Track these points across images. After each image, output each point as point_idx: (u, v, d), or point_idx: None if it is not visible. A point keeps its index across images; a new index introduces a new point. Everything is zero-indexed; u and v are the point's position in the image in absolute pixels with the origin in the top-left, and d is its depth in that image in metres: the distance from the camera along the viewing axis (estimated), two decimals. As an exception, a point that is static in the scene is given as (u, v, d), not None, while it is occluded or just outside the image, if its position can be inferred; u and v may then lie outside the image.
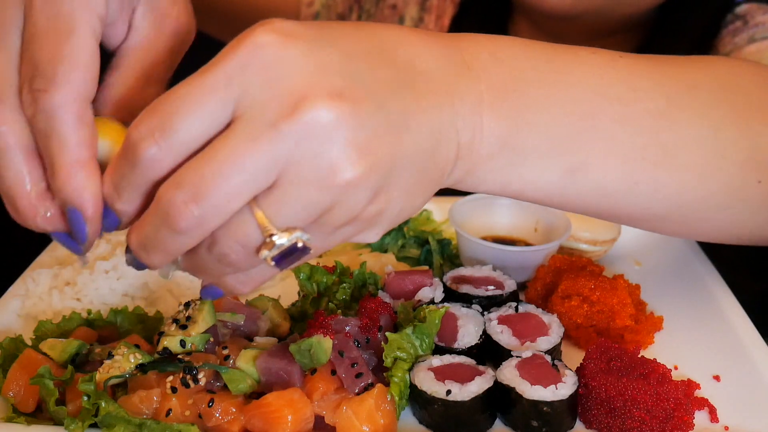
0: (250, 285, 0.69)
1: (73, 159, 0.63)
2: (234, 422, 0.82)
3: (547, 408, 0.82)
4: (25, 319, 1.06)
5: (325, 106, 0.59)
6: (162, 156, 0.59)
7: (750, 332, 1.00)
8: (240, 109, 0.59)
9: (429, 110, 0.68)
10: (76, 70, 0.64)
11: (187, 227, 0.60)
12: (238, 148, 0.58)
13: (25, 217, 0.66)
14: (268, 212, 0.61)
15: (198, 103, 0.59)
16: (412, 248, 1.20)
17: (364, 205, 0.64)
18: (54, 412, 0.83)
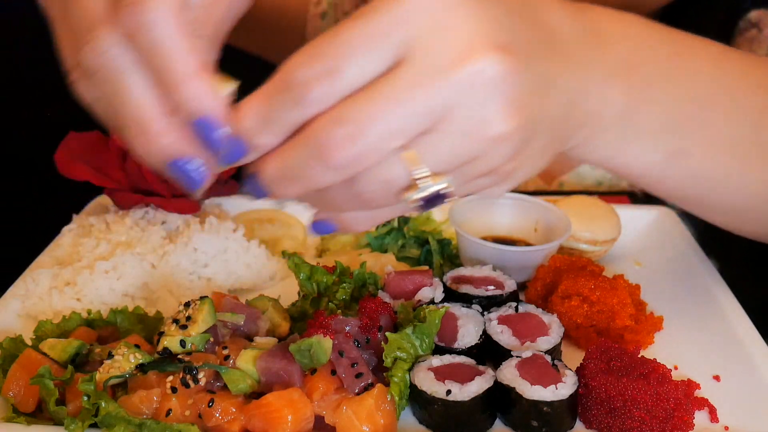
0: (368, 224, 0.71)
1: (190, 66, 0.61)
2: (234, 422, 0.82)
3: (547, 408, 0.82)
4: (25, 319, 1.06)
5: (492, 60, 0.60)
6: (328, 96, 0.60)
7: (750, 332, 1.00)
8: (407, 52, 0.60)
9: (568, 74, 0.71)
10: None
11: (342, 163, 0.61)
12: (404, 90, 0.59)
13: (154, 143, 0.62)
14: (419, 156, 0.62)
15: (367, 46, 0.59)
16: (412, 248, 1.20)
17: (504, 161, 0.66)
18: (54, 412, 0.83)
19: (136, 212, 1.17)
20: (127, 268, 1.08)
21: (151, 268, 1.10)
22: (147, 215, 1.17)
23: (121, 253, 1.09)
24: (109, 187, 1.17)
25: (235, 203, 1.31)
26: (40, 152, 1.25)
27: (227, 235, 1.16)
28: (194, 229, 1.14)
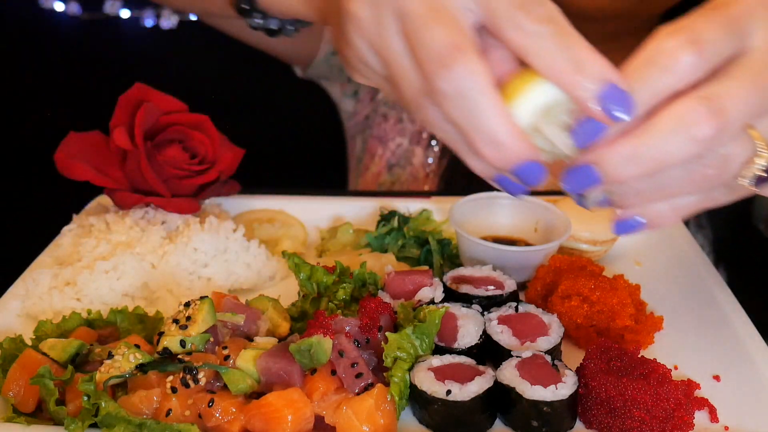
0: (673, 218, 0.76)
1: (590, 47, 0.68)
2: (234, 422, 0.82)
3: (547, 408, 0.82)
4: (25, 319, 1.06)
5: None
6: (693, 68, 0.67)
7: (750, 332, 1.00)
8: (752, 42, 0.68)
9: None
10: None
11: (704, 137, 0.67)
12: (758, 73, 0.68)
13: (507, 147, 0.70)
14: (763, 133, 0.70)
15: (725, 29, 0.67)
16: (412, 248, 1.20)
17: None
18: (54, 412, 0.83)
19: (136, 212, 1.17)
20: (127, 268, 1.08)
21: (151, 268, 1.10)
22: (147, 215, 1.17)
23: (121, 253, 1.09)
24: (109, 187, 1.17)
25: (235, 203, 1.31)
26: (40, 152, 1.25)
27: (227, 235, 1.16)
28: (194, 229, 1.14)
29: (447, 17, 0.71)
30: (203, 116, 1.23)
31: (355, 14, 0.76)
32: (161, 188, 1.15)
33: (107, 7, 2.46)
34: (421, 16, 0.71)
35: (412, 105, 0.76)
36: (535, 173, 0.72)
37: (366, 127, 1.67)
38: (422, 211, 1.28)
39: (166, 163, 1.16)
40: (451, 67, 0.69)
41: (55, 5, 2.44)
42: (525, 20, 0.68)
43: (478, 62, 0.69)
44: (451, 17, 0.71)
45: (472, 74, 0.69)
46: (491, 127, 0.70)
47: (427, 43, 0.71)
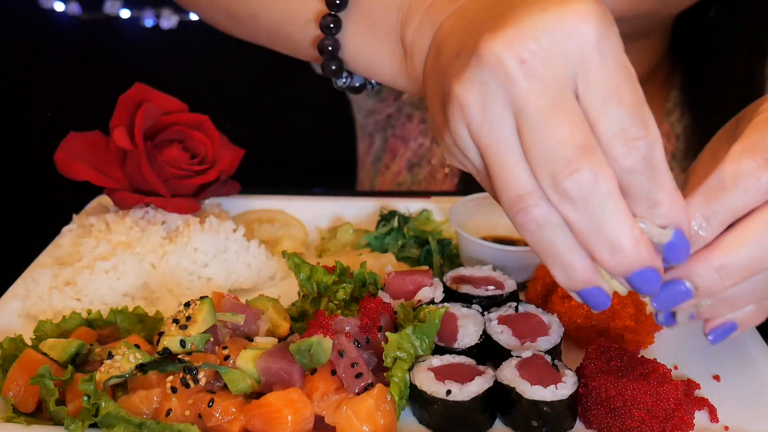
0: (763, 315, 0.79)
1: (672, 187, 0.69)
2: (234, 422, 0.82)
3: (547, 408, 0.82)
4: (25, 319, 1.06)
5: None
6: None
7: (750, 332, 1.00)
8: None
9: None
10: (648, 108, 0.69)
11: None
12: None
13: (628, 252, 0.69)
14: None
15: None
16: (412, 248, 1.20)
17: None
18: (54, 412, 0.83)
19: (136, 212, 1.17)
20: (127, 268, 1.08)
21: (151, 268, 1.11)
22: (147, 215, 1.17)
23: (121, 253, 1.09)
24: (109, 187, 1.17)
25: (235, 203, 1.31)
26: (40, 152, 1.25)
27: (227, 235, 1.16)
28: (194, 229, 1.14)
29: (571, 114, 0.67)
30: (203, 116, 1.23)
31: (462, 100, 0.69)
32: (161, 188, 1.15)
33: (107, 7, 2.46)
34: (542, 112, 0.67)
35: (510, 203, 0.70)
36: (652, 280, 0.71)
37: (387, 126, 1.67)
38: (422, 211, 1.28)
39: (166, 163, 1.16)
40: (580, 170, 0.66)
41: (55, 5, 2.44)
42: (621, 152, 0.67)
43: (605, 164, 0.67)
44: (575, 114, 0.67)
45: (601, 177, 0.66)
46: (616, 233, 0.68)
47: (549, 142, 0.67)
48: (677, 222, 0.70)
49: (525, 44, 0.66)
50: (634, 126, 0.67)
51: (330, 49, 0.91)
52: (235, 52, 1.70)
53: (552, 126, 0.67)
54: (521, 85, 0.67)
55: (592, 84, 0.67)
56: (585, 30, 0.66)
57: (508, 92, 0.67)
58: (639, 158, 0.67)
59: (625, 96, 0.67)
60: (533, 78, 0.67)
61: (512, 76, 0.67)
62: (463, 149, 0.73)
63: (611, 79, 0.67)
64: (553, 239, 0.70)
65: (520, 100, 0.67)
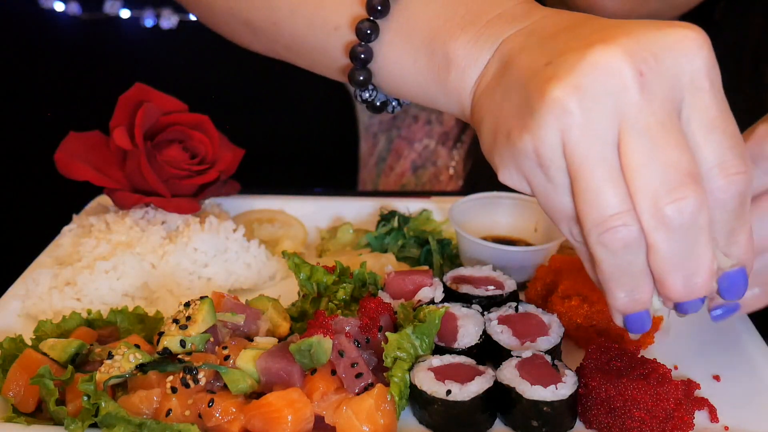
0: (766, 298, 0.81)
1: (750, 228, 0.71)
2: (234, 422, 0.82)
3: (547, 408, 0.82)
4: (25, 319, 1.06)
5: None
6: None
7: (750, 332, 1.00)
8: None
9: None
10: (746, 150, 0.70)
11: None
12: None
13: (702, 284, 0.69)
14: None
15: None
16: (412, 248, 1.20)
17: None
18: (54, 412, 0.83)
19: (136, 212, 1.17)
20: (127, 268, 1.08)
21: (151, 268, 1.11)
22: (147, 215, 1.17)
23: (121, 253, 1.09)
24: (109, 187, 1.17)
25: (235, 203, 1.31)
26: (40, 152, 1.25)
27: (227, 235, 1.16)
28: (194, 229, 1.14)
29: (679, 138, 0.65)
30: (203, 116, 1.23)
31: (565, 105, 0.65)
32: (161, 188, 1.15)
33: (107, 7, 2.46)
34: (652, 131, 0.65)
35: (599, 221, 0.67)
36: (699, 306, 0.72)
37: (392, 127, 1.66)
38: (422, 211, 1.28)
39: (166, 163, 1.16)
40: (686, 198, 0.64)
41: (55, 5, 2.44)
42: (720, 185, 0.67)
43: (705, 195, 0.65)
44: (682, 139, 0.65)
45: (703, 207, 0.65)
46: (698, 266, 0.67)
47: (656, 163, 0.64)
48: (745, 262, 0.71)
49: (645, 58, 0.65)
50: (736, 159, 0.66)
51: (362, 57, 0.86)
52: (236, 52, 1.70)
53: (661, 147, 0.65)
54: (635, 99, 0.65)
55: (699, 110, 0.66)
56: (700, 55, 0.66)
57: (620, 104, 0.65)
58: (735, 194, 0.67)
59: (729, 127, 0.67)
60: (648, 93, 0.65)
61: (628, 87, 0.64)
62: (546, 160, 0.68)
63: (718, 108, 0.66)
64: (633, 262, 0.69)
65: (631, 114, 0.65)
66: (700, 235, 0.66)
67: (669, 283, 0.69)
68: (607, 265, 0.70)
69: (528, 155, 0.70)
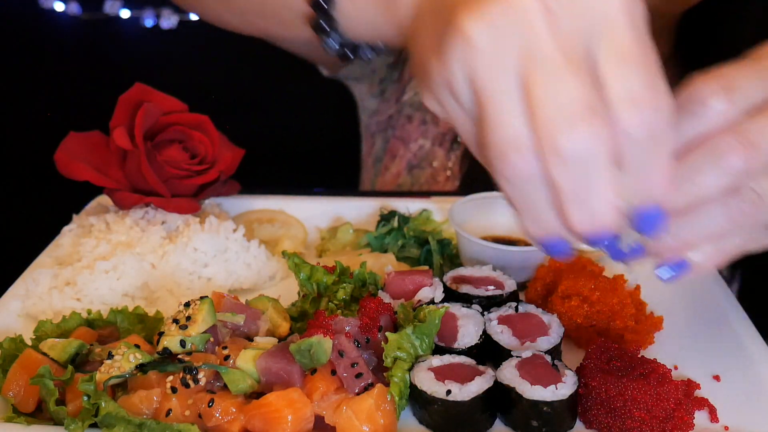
0: (722, 256, 0.77)
1: (670, 172, 0.69)
2: (234, 422, 0.82)
3: (547, 408, 0.82)
4: (25, 319, 1.06)
5: None
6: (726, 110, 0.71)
7: (750, 332, 1.00)
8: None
9: None
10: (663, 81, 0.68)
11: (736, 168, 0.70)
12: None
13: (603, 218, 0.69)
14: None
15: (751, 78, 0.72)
16: (412, 248, 1.20)
17: None
18: (54, 412, 0.83)
19: (136, 212, 1.17)
20: (127, 268, 1.08)
21: (151, 268, 1.10)
22: (147, 215, 1.17)
23: (121, 253, 1.09)
24: (109, 187, 1.17)
25: (235, 203, 1.31)
26: (40, 152, 1.25)
27: (227, 235, 1.16)
28: (194, 229, 1.14)
29: (584, 74, 0.65)
30: (203, 116, 1.23)
31: (471, 38, 0.66)
32: (161, 188, 1.15)
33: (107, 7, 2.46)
34: (555, 64, 0.65)
35: (498, 149, 0.68)
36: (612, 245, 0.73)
37: (388, 127, 1.67)
38: (422, 211, 1.28)
39: (166, 163, 1.16)
40: (580, 129, 0.64)
41: (55, 5, 2.44)
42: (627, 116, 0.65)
43: (606, 129, 0.65)
44: (587, 75, 0.65)
45: (599, 140, 0.65)
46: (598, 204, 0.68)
47: (555, 95, 0.65)
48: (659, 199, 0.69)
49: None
50: (647, 92, 0.65)
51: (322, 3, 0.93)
52: (236, 52, 1.70)
53: (562, 81, 0.65)
54: (541, 34, 0.65)
55: (612, 45, 0.66)
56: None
57: (526, 38, 0.65)
58: (643, 126, 0.65)
59: (644, 64, 0.66)
60: (555, 29, 0.65)
61: (534, 22, 0.65)
62: (455, 93, 0.70)
63: (632, 44, 0.66)
64: (531, 194, 0.69)
65: (535, 48, 0.65)
66: (599, 169, 0.66)
67: (568, 216, 0.68)
68: (511, 196, 0.71)
69: (440, 84, 0.71)
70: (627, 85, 0.65)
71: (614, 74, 0.66)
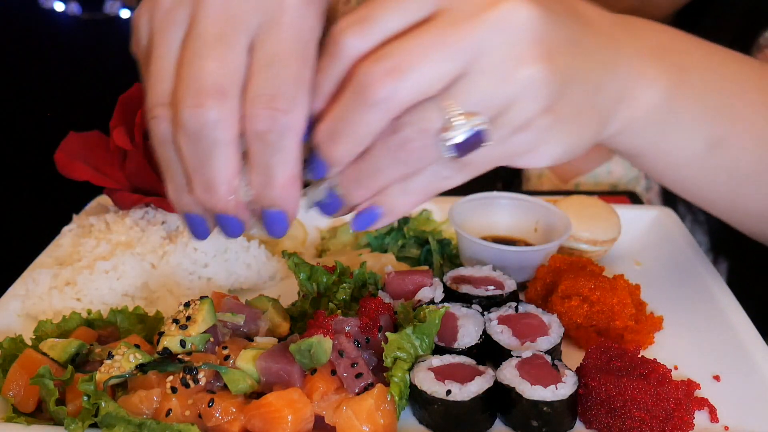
0: (411, 198, 0.73)
1: (292, 174, 0.70)
2: (234, 422, 0.82)
3: (547, 408, 0.82)
4: (25, 319, 1.06)
5: (521, 5, 0.66)
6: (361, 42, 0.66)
7: (750, 332, 1.00)
8: (442, 5, 0.66)
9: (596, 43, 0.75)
10: (308, 95, 0.69)
11: (381, 97, 0.65)
12: (440, 32, 0.65)
13: (217, 199, 0.71)
14: (454, 98, 0.66)
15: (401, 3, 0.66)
16: (412, 248, 1.20)
17: (539, 110, 0.69)
18: (54, 412, 0.83)
19: (136, 212, 1.17)
20: (127, 268, 1.08)
21: (151, 268, 1.10)
22: (147, 215, 1.17)
23: (121, 253, 1.09)
24: (109, 187, 1.17)
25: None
26: (40, 152, 1.25)
27: (227, 235, 1.16)
28: (194, 229, 1.14)
29: (231, 57, 0.67)
30: (203, 116, 1.22)
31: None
32: (161, 188, 1.14)
33: (107, 7, 2.46)
34: (206, 38, 0.68)
35: (147, 107, 0.71)
36: (233, 227, 0.74)
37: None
38: (422, 211, 1.28)
39: (166, 163, 1.16)
40: (203, 107, 0.66)
41: (55, 5, 2.44)
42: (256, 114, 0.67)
43: (232, 116, 0.67)
44: (233, 59, 0.67)
45: (221, 124, 0.67)
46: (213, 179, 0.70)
47: (195, 70, 0.67)
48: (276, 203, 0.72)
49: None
50: (282, 99, 0.67)
51: None
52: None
53: (205, 56, 0.67)
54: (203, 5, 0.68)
55: (268, 41, 0.67)
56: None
57: (193, 5, 0.68)
58: (269, 129, 0.67)
59: (291, 69, 0.67)
60: (216, 6, 0.68)
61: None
62: (138, 39, 0.74)
63: (287, 46, 0.67)
64: (171, 159, 0.72)
65: (197, 18, 0.68)
66: (217, 149, 0.68)
67: (192, 184, 0.72)
68: (157, 155, 0.74)
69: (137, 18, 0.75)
70: (266, 85, 0.67)
71: (260, 70, 0.67)
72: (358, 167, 0.71)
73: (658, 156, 0.86)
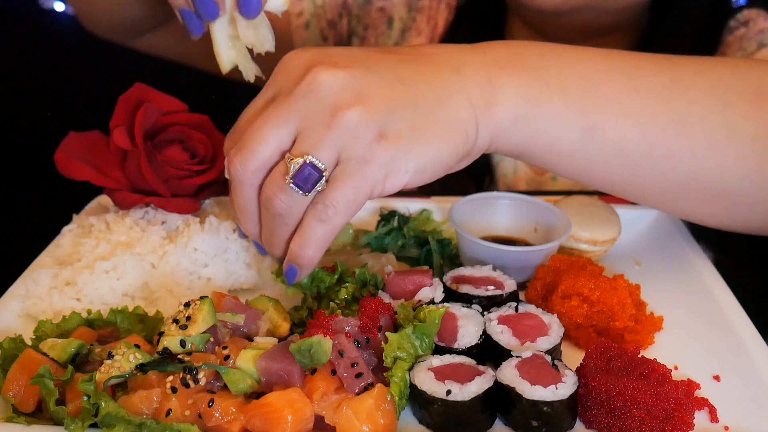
0: (312, 249, 0.90)
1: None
2: (234, 422, 0.82)
3: (547, 408, 0.82)
4: (25, 319, 1.06)
5: (322, 71, 0.84)
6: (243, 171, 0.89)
7: (750, 332, 1.00)
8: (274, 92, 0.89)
9: (424, 71, 0.87)
10: None
11: (235, 173, 0.88)
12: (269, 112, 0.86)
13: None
14: (293, 152, 0.85)
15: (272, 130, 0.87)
16: (412, 248, 1.20)
17: (370, 140, 0.83)
18: (54, 412, 0.83)
19: (136, 212, 1.17)
20: (127, 268, 1.08)
21: (151, 268, 1.10)
22: (147, 215, 1.17)
23: (121, 253, 1.09)
24: (109, 187, 1.16)
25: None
26: (40, 152, 1.25)
27: (227, 235, 1.16)
28: (194, 229, 1.14)
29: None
30: (203, 116, 1.23)
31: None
32: (161, 188, 1.15)
33: (107, 7, 2.45)
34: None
35: None
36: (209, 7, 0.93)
37: None
38: (422, 211, 1.28)
39: (166, 163, 1.16)
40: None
41: (55, 5, 2.44)
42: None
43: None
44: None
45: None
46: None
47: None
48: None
49: None
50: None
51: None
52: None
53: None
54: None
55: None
56: None
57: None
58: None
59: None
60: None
61: None
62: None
63: None
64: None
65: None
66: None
67: None
68: None
69: None
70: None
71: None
72: (263, 232, 0.93)
73: (542, 149, 0.92)
